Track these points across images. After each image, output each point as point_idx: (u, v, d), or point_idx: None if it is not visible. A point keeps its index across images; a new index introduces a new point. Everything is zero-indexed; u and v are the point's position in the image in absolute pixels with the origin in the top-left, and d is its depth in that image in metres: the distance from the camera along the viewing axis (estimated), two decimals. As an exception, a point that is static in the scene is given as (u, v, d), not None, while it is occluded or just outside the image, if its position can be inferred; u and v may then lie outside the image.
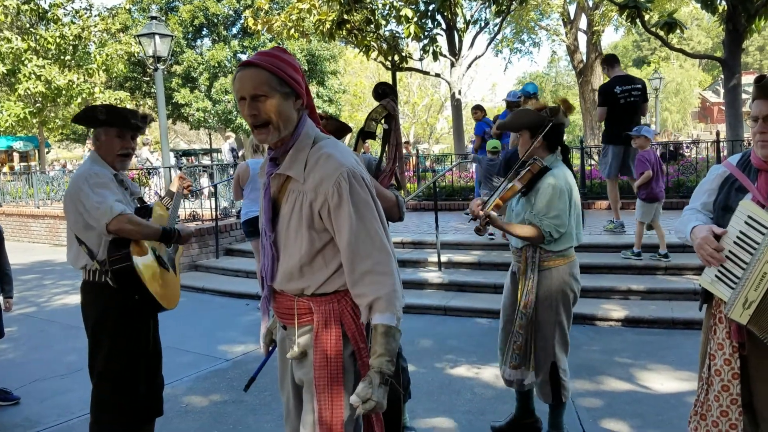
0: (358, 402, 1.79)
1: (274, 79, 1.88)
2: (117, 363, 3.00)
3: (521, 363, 3.27)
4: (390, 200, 2.85)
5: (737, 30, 10.02)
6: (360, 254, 1.89)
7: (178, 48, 25.44)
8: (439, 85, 39.79)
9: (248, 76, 1.88)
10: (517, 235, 3.19)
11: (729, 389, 2.28)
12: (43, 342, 6.06)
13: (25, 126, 19.34)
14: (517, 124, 3.34)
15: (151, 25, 10.26)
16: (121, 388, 3.00)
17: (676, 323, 5.53)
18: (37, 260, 11.03)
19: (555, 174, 3.19)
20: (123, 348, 3.00)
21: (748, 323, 2.14)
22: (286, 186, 1.97)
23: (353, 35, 14.70)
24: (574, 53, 23.56)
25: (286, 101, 1.90)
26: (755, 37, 41.74)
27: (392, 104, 2.94)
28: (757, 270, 2.10)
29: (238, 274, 8.69)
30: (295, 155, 1.94)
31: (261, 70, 1.87)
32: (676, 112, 45.88)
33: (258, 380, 2.47)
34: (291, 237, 1.97)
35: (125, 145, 3.01)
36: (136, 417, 3.06)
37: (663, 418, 3.74)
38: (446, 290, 7.04)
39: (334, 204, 1.87)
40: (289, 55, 1.95)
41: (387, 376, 1.83)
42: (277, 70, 1.88)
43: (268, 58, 1.90)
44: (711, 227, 2.22)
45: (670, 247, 6.80)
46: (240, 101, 1.91)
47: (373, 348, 1.87)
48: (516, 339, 3.24)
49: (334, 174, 1.87)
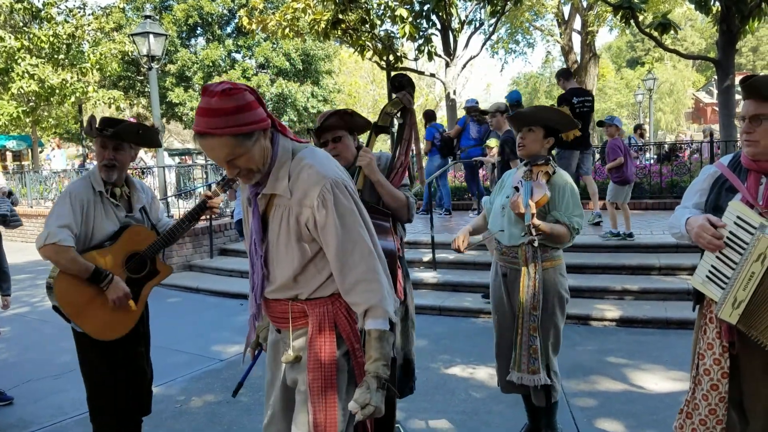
0: (356, 408, 1.81)
1: (239, 138, 1.78)
2: (87, 365, 3.06)
3: (538, 366, 3.14)
4: (401, 201, 2.81)
5: (731, 31, 10.05)
6: (348, 264, 1.90)
7: (172, 47, 25.35)
8: (434, 85, 39.79)
9: (215, 146, 1.78)
10: (556, 234, 3.07)
11: (718, 388, 2.30)
12: (37, 342, 6.04)
13: (18, 125, 19.24)
14: (537, 118, 3.20)
15: (145, 24, 10.23)
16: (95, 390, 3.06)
17: (670, 323, 5.55)
18: (30, 260, 10.97)
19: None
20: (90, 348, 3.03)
21: (737, 323, 2.15)
22: (273, 202, 1.97)
23: (348, 35, 14.67)
24: (568, 54, 23.58)
25: (256, 145, 1.84)
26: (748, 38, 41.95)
27: (408, 97, 2.85)
28: (745, 270, 2.11)
29: (232, 273, 8.68)
30: (277, 173, 1.93)
31: (223, 138, 1.76)
32: (669, 113, 46.04)
33: (252, 380, 2.47)
34: (281, 251, 1.97)
35: (105, 156, 2.97)
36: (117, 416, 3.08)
37: (657, 417, 3.75)
38: (441, 290, 7.05)
39: (321, 217, 1.88)
40: (237, 95, 1.77)
41: (384, 380, 1.85)
42: (236, 129, 1.76)
43: (221, 121, 1.74)
44: (707, 216, 2.23)
45: (663, 247, 6.86)
46: (217, 162, 1.86)
47: (368, 353, 1.89)
48: (532, 342, 3.13)
49: (317, 187, 1.87)
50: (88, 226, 2.93)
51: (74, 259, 2.82)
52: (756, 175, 2.24)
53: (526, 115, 3.23)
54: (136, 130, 3.03)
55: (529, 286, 3.13)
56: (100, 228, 2.96)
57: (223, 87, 1.78)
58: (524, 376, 3.16)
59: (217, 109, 1.75)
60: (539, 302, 3.12)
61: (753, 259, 2.09)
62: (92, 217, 2.93)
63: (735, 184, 2.27)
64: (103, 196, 2.98)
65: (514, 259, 3.22)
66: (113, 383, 3.03)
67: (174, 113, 27.29)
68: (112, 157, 2.97)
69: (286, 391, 2.11)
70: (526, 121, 3.21)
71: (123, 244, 3.01)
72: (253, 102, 1.82)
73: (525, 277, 3.14)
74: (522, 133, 3.23)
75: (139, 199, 3.18)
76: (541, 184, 3.10)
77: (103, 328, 2.94)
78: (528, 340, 3.15)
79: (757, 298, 2.10)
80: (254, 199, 2.00)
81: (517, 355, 3.18)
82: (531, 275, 3.13)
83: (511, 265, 3.24)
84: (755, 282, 2.09)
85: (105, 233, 2.97)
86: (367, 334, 1.90)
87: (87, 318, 2.91)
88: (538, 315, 3.13)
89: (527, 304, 3.13)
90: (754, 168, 2.24)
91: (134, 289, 3.04)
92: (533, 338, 3.13)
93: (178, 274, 8.93)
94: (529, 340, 3.14)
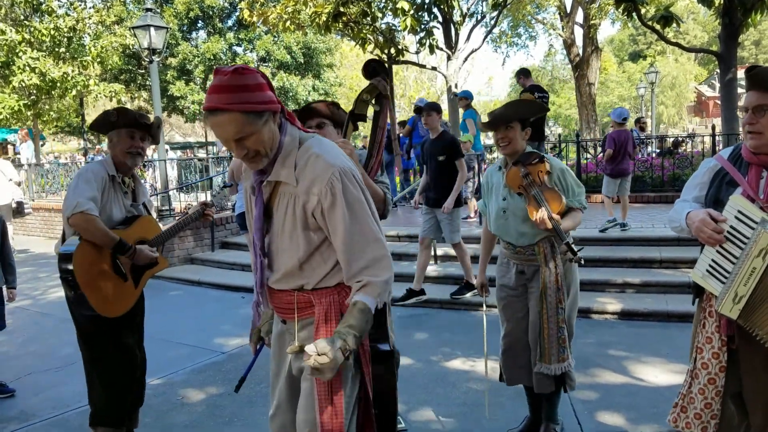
0: (313, 351, 1.77)
1: (250, 116, 1.79)
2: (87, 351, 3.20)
3: (567, 354, 3.17)
4: (378, 196, 2.77)
5: (733, 24, 10.01)
6: (356, 253, 1.90)
7: (173, 40, 25.29)
8: (435, 78, 39.71)
9: (224, 123, 1.78)
10: (576, 223, 3.14)
11: (715, 382, 2.30)
12: (38, 335, 6.05)
13: (19, 118, 19.21)
14: (511, 113, 3.20)
15: (146, 17, 10.19)
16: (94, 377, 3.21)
17: (671, 316, 5.55)
18: (32, 253, 11.01)
19: (554, 160, 3.24)
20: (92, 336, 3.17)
21: (738, 318, 2.14)
22: (278, 190, 1.97)
23: (349, 28, 14.63)
24: (570, 47, 23.50)
25: (266, 127, 1.84)
26: (751, 32, 41.81)
27: (383, 83, 2.80)
28: (746, 265, 2.10)
29: (233, 267, 8.69)
30: (283, 161, 1.93)
31: (234, 114, 1.77)
32: (671, 106, 45.91)
33: (253, 373, 2.47)
34: (286, 240, 1.97)
35: (133, 145, 3.15)
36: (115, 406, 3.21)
37: (658, 410, 3.75)
38: (442, 283, 7.05)
39: (328, 205, 1.87)
40: (249, 75, 1.81)
41: (349, 352, 1.82)
42: (248, 106, 1.78)
43: (234, 97, 1.77)
44: (708, 210, 2.22)
45: (664, 240, 6.86)
46: (225, 142, 1.86)
47: (345, 319, 1.87)
48: (561, 334, 3.15)
49: (325, 175, 1.86)
50: (103, 205, 3.05)
51: (102, 228, 2.96)
52: (757, 169, 2.22)
53: (501, 115, 3.21)
54: (154, 123, 3.26)
55: (551, 281, 3.13)
56: (110, 211, 3.10)
57: (236, 66, 1.81)
58: (555, 366, 3.17)
59: (228, 86, 1.77)
60: (564, 295, 3.15)
61: (754, 255, 2.08)
62: (106, 198, 3.08)
63: (736, 177, 2.26)
64: (115, 181, 3.16)
65: (531, 256, 3.21)
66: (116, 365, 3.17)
67: (175, 106, 27.26)
68: (141, 145, 3.17)
69: (292, 381, 2.11)
70: (503, 119, 3.18)
71: (136, 229, 3.20)
72: (264, 84, 1.84)
73: (546, 272, 3.15)
74: (501, 133, 3.20)
75: (144, 193, 3.40)
76: (551, 189, 3.10)
77: (106, 303, 3.06)
78: (557, 332, 3.16)
79: (757, 293, 2.09)
80: (258, 186, 2.00)
81: (545, 348, 3.17)
82: (552, 270, 3.14)
83: (529, 262, 3.23)
84: (756, 278, 2.09)
85: (113, 218, 3.11)
86: (352, 304, 1.89)
87: (95, 289, 3.01)
88: (565, 307, 3.16)
89: (552, 299, 3.14)
90: (755, 161, 2.22)
91: (135, 275, 3.22)
92: (561, 329, 3.16)
93: (179, 267, 8.96)
94: (558, 332, 3.16)
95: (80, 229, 2.95)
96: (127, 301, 3.19)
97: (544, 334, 3.18)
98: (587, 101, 22.23)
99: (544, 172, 3.13)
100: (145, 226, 3.28)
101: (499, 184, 3.31)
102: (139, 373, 3.35)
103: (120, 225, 3.14)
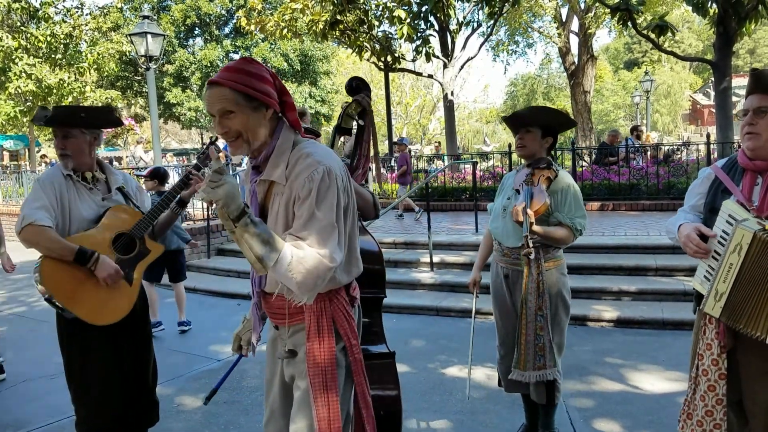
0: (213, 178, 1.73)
1: (241, 96, 1.87)
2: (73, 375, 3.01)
3: (545, 362, 3.14)
4: (366, 198, 2.83)
5: (728, 33, 10.09)
6: (304, 235, 1.84)
7: (170, 47, 25.35)
8: (431, 86, 39.78)
9: (215, 95, 1.88)
10: (557, 238, 3.09)
11: (715, 389, 2.30)
12: (33, 342, 6.02)
13: (15, 125, 19.20)
14: (534, 118, 3.19)
15: (143, 24, 10.22)
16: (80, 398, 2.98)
17: (667, 324, 5.57)
18: (27, 259, 10.95)
19: (565, 174, 3.22)
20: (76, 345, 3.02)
21: (720, 316, 2.14)
22: (271, 191, 1.98)
23: (346, 35, 14.69)
24: (565, 55, 23.63)
25: (254, 114, 1.90)
26: (746, 40, 42.13)
27: (367, 99, 2.88)
28: (725, 261, 2.10)
29: (229, 274, 8.68)
30: (276, 160, 1.94)
31: (226, 89, 1.87)
32: (666, 115, 46.11)
33: (250, 380, 2.47)
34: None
35: (57, 145, 2.93)
36: None
37: (653, 418, 3.76)
38: (438, 290, 7.05)
39: (304, 195, 1.85)
40: (256, 66, 1.93)
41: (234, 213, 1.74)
42: (242, 87, 1.87)
43: (233, 75, 1.88)
44: (697, 226, 2.24)
45: (660, 248, 6.88)
46: (213, 118, 1.93)
47: None
48: (538, 341, 3.12)
49: (308, 170, 1.86)
50: (64, 209, 2.84)
51: (55, 239, 2.71)
52: (752, 175, 2.24)
53: (522, 116, 3.21)
54: (76, 113, 2.94)
55: (532, 287, 3.11)
56: (77, 211, 2.87)
57: (248, 57, 1.97)
58: (530, 374, 3.14)
59: (233, 67, 1.91)
60: (545, 302, 3.12)
61: (730, 251, 2.08)
62: (67, 199, 2.85)
63: (729, 186, 2.28)
64: (73, 178, 2.91)
65: (516, 260, 3.20)
66: (104, 386, 2.93)
67: (172, 113, 27.31)
68: (63, 146, 2.91)
69: (285, 388, 2.11)
70: (523, 122, 3.19)
71: (107, 224, 2.91)
72: (267, 79, 1.93)
73: (527, 278, 3.12)
74: (520, 134, 3.22)
75: (116, 181, 3.09)
76: (542, 191, 3.07)
77: (98, 312, 2.82)
78: (534, 339, 3.13)
79: (736, 289, 2.09)
80: (253, 186, 2.02)
81: (522, 354, 3.16)
82: (534, 276, 3.11)
83: (513, 266, 3.23)
84: (734, 273, 2.08)
85: (83, 218, 2.88)
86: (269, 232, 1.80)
87: (80, 302, 2.79)
88: (544, 314, 3.12)
89: (532, 305, 3.12)
90: (750, 167, 2.24)
91: (126, 270, 2.93)
92: (539, 337, 3.13)
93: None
94: (535, 339, 3.13)
95: (32, 244, 2.71)
96: (124, 304, 2.92)
97: (521, 340, 3.15)
98: (583, 109, 22.32)
99: (545, 177, 3.14)
100: (119, 217, 2.95)
101: (510, 185, 3.33)
102: (136, 387, 3.08)
103: (94, 223, 2.89)
